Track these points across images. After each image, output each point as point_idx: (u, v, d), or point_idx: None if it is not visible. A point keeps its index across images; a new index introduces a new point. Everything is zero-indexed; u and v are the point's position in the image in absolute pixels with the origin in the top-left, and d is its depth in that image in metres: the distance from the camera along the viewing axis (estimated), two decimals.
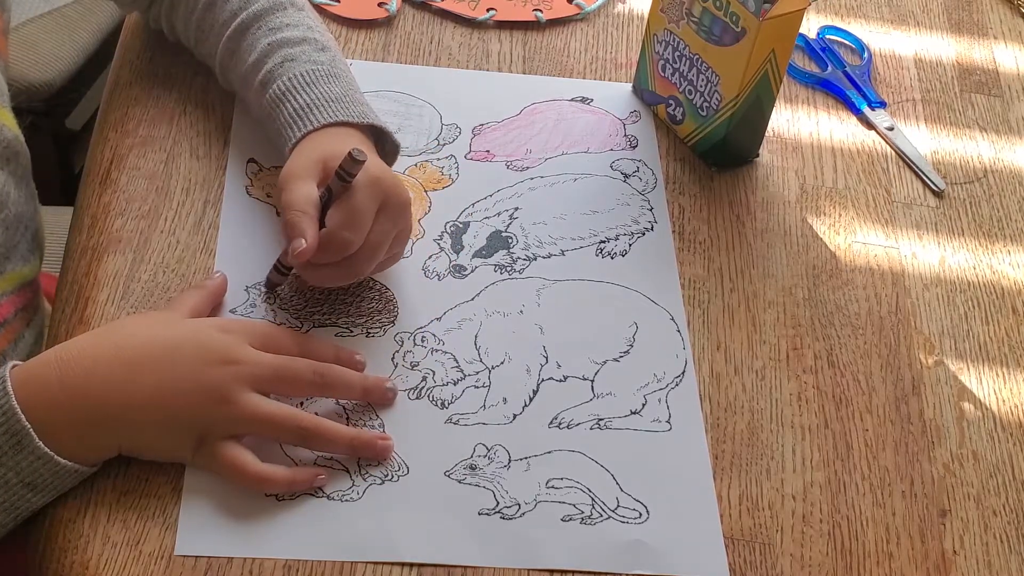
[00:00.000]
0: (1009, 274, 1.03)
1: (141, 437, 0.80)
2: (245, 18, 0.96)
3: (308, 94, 0.92)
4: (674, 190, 1.04)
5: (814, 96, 1.15)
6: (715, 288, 0.98)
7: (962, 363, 0.96)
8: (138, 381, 0.79)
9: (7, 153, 0.91)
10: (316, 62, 0.94)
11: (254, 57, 0.95)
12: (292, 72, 0.93)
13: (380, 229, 0.87)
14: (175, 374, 0.79)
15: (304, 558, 0.79)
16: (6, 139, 0.91)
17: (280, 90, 0.93)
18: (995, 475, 0.90)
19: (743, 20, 0.97)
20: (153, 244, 0.93)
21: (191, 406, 0.79)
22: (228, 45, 0.97)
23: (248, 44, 0.96)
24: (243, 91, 0.97)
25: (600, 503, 0.84)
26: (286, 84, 0.93)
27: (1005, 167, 1.12)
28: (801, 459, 0.89)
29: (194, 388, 0.79)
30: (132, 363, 0.79)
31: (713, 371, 0.93)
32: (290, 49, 0.95)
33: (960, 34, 1.23)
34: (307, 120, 0.91)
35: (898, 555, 0.85)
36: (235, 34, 0.96)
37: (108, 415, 0.78)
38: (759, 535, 0.84)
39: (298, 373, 0.83)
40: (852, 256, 1.02)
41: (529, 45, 1.14)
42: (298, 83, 0.93)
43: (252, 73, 0.95)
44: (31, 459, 0.76)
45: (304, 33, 0.96)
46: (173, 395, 0.79)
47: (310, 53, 0.95)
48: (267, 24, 0.96)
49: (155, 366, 0.79)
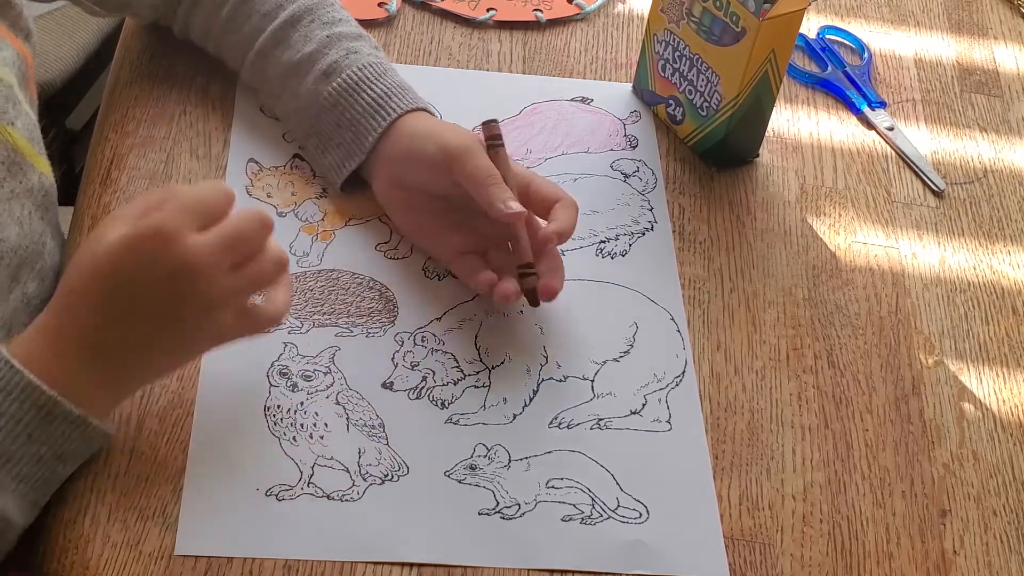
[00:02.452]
0: (1009, 274, 1.03)
1: (153, 353, 0.78)
2: (296, 10, 0.98)
3: (383, 83, 0.95)
4: (674, 190, 1.04)
5: (814, 96, 1.15)
6: (715, 288, 0.98)
7: (962, 363, 0.96)
8: (120, 306, 0.75)
9: (46, 202, 0.91)
10: (377, 56, 0.98)
11: (312, 47, 0.96)
12: (361, 63, 0.95)
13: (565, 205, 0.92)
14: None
15: (304, 558, 0.79)
16: (44, 188, 0.90)
17: (352, 79, 0.95)
18: (995, 475, 0.90)
19: (743, 20, 0.97)
20: None
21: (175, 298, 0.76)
22: (277, 34, 0.97)
23: (301, 35, 0.97)
24: (288, 80, 0.97)
25: (600, 503, 0.84)
26: (358, 74, 0.95)
27: (1005, 167, 1.12)
28: (801, 459, 0.89)
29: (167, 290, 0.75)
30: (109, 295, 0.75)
31: (713, 371, 0.93)
32: (351, 43, 0.97)
33: (960, 34, 1.23)
34: (391, 107, 0.94)
35: (898, 555, 0.85)
36: (286, 24, 0.97)
37: (114, 352, 0.76)
38: (759, 535, 0.85)
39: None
40: (852, 256, 1.02)
41: (529, 45, 1.14)
42: (371, 73, 0.95)
43: (308, 62, 0.96)
44: (64, 427, 0.75)
45: (358, 30, 1.00)
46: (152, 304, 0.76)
47: (368, 48, 0.98)
48: (320, 18, 0.98)
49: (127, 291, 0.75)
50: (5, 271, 0.85)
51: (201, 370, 0.86)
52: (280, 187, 0.98)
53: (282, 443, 0.84)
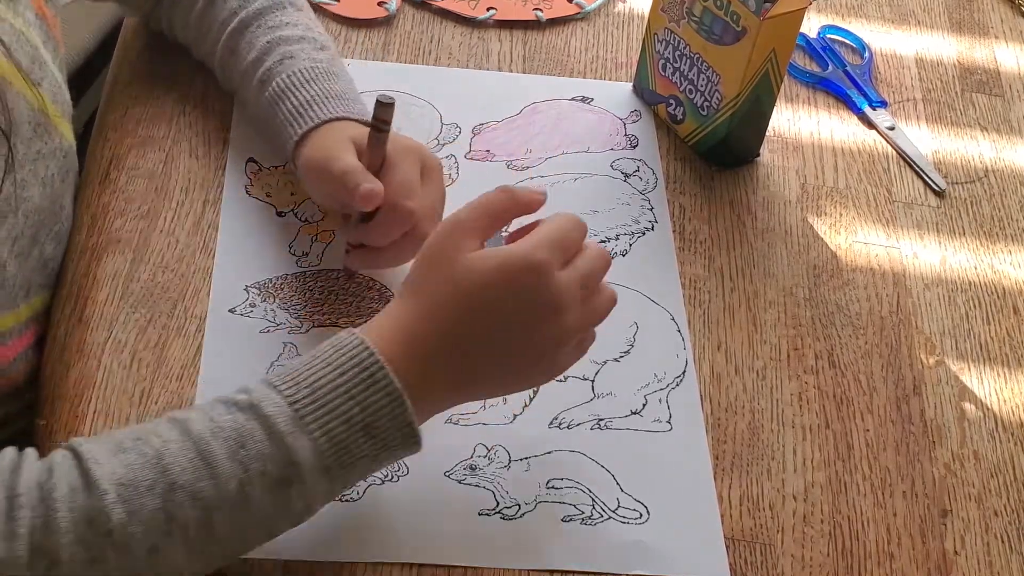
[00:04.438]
0: (1010, 274, 1.03)
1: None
2: (245, 16, 0.96)
3: (309, 90, 0.92)
4: (674, 190, 1.04)
5: (815, 96, 1.15)
6: (716, 288, 0.98)
7: (963, 363, 0.96)
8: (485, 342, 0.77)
9: (67, 164, 0.91)
10: (315, 60, 0.94)
11: (253, 55, 0.95)
12: (292, 69, 0.93)
13: (430, 191, 0.88)
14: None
15: (304, 558, 0.79)
16: (65, 150, 0.90)
17: (280, 87, 0.92)
18: (996, 475, 0.90)
19: (744, 19, 0.97)
20: (152, 244, 0.93)
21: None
22: (228, 43, 0.97)
23: (247, 42, 0.96)
24: (242, 89, 0.97)
25: (600, 503, 0.84)
26: (286, 81, 0.92)
27: (1006, 167, 1.12)
28: (802, 459, 0.89)
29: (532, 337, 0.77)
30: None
31: (714, 371, 0.93)
32: (289, 47, 0.95)
33: (961, 34, 1.23)
34: (310, 115, 0.91)
35: (899, 555, 0.85)
36: (235, 32, 0.96)
37: (456, 368, 0.76)
38: (760, 535, 0.84)
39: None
40: (853, 256, 1.02)
41: (529, 45, 1.14)
42: (298, 80, 0.92)
43: (251, 71, 0.95)
44: (381, 397, 0.73)
45: (303, 32, 0.96)
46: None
47: (309, 51, 0.95)
48: (266, 22, 0.96)
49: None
50: (28, 230, 0.85)
51: (200, 370, 0.86)
52: (279, 187, 0.98)
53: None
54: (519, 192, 0.79)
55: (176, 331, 0.88)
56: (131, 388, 0.85)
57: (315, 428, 0.72)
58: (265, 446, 0.71)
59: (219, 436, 0.70)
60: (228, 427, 0.71)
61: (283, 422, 0.71)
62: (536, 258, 0.75)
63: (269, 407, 0.71)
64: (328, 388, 0.72)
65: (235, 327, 0.89)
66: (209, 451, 0.70)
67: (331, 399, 0.72)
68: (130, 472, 0.69)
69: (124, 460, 0.69)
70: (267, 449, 0.71)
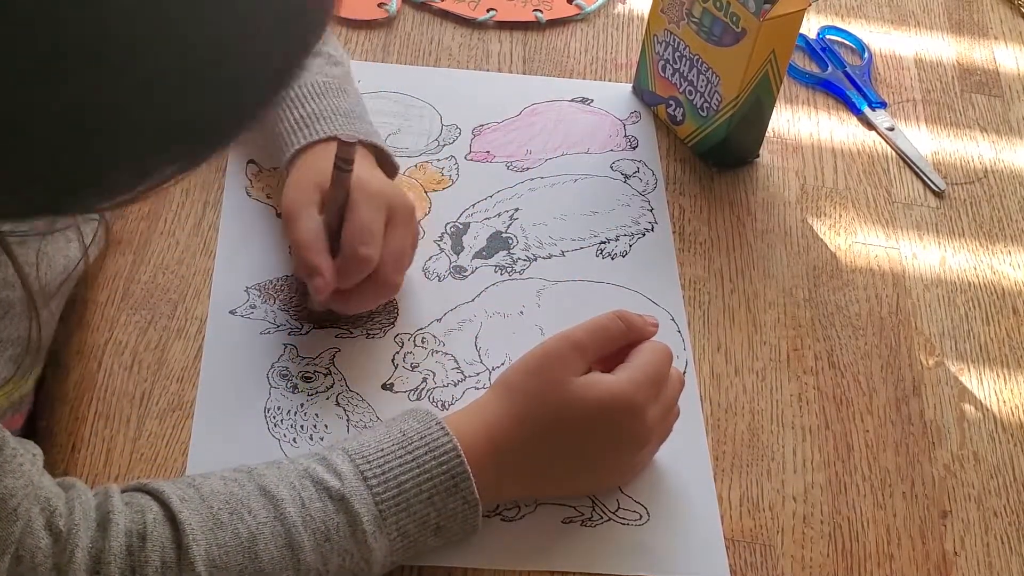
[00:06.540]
0: (1009, 274, 1.03)
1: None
2: None
3: (315, 104, 0.92)
4: (674, 191, 1.04)
5: (814, 96, 1.15)
6: (715, 289, 0.98)
7: (963, 364, 0.96)
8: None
9: None
10: (327, 75, 0.94)
11: None
12: (302, 80, 0.92)
13: (396, 237, 0.87)
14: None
15: None
16: None
17: (287, 96, 0.92)
18: (996, 476, 0.90)
19: (743, 20, 0.97)
20: (153, 245, 0.93)
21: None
22: None
23: None
24: None
25: (600, 505, 0.84)
26: (295, 91, 0.92)
27: (1005, 167, 1.12)
28: (802, 460, 0.89)
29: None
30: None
31: (713, 372, 0.93)
32: None
33: (961, 34, 1.23)
34: (311, 130, 0.91)
35: (899, 556, 0.85)
36: None
37: (532, 476, 0.81)
38: (760, 536, 0.84)
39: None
40: (852, 257, 1.02)
41: (529, 45, 1.14)
42: (307, 92, 0.92)
43: None
44: (458, 504, 0.77)
45: (319, 46, 0.96)
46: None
47: (322, 65, 0.95)
48: None
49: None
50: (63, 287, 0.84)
51: (201, 372, 0.86)
52: (280, 188, 0.98)
53: (282, 444, 0.84)
54: (634, 319, 0.83)
55: (177, 332, 0.88)
56: (132, 390, 0.85)
57: (393, 529, 0.75)
58: (348, 543, 0.73)
59: (309, 527, 0.73)
60: (318, 517, 0.73)
61: (368, 522, 0.74)
62: (637, 401, 0.80)
63: (358, 503, 0.74)
64: (413, 491, 0.75)
65: (236, 328, 0.89)
66: (299, 543, 0.72)
67: (414, 503, 0.75)
68: (224, 555, 0.71)
69: (219, 539, 0.71)
70: (349, 545, 0.73)
